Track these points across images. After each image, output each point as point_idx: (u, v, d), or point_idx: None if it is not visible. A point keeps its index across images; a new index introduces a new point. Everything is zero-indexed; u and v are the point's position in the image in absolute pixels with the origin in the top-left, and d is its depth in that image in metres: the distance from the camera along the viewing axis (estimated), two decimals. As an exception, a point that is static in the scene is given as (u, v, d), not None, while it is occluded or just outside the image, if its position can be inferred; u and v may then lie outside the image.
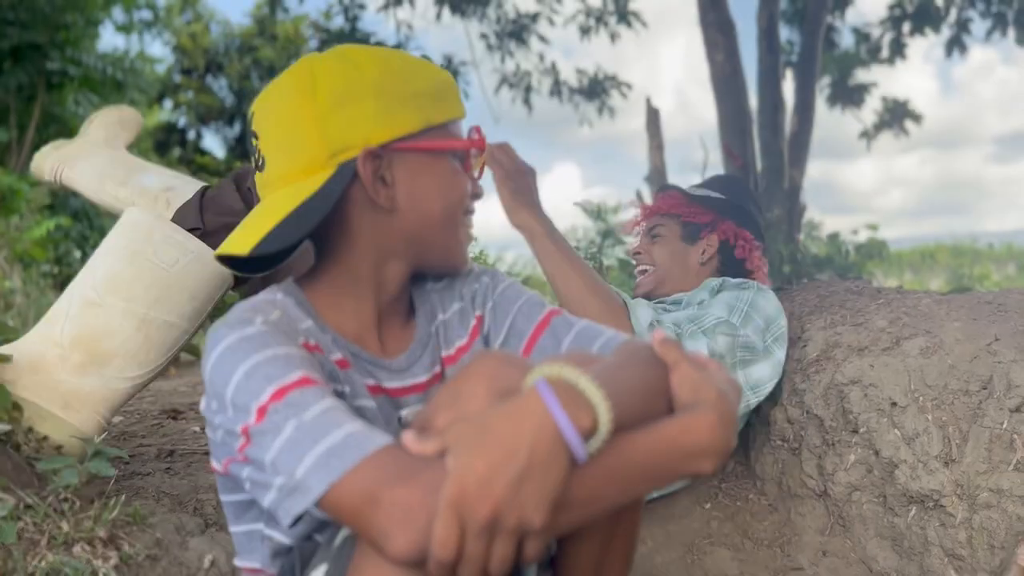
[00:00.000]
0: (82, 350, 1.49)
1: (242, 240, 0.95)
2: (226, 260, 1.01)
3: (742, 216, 1.95)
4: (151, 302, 1.52)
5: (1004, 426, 1.43)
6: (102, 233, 8.38)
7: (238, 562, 1.01)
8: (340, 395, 0.95)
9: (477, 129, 1.07)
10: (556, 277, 1.59)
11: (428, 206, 1.01)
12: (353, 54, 1.00)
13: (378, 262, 1.01)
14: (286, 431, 0.80)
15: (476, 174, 1.08)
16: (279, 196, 0.96)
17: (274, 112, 0.98)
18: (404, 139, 0.98)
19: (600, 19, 5.79)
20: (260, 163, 0.99)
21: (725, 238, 1.92)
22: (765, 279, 1.96)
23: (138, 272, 1.53)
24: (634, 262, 2.02)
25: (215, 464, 0.95)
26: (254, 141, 1.00)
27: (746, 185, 2.12)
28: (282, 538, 0.95)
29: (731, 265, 1.93)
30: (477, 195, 1.08)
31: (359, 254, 1.01)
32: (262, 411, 0.82)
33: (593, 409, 0.74)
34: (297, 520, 0.80)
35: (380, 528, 0.73)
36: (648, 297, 1.93)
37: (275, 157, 0.98)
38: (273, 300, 0.98)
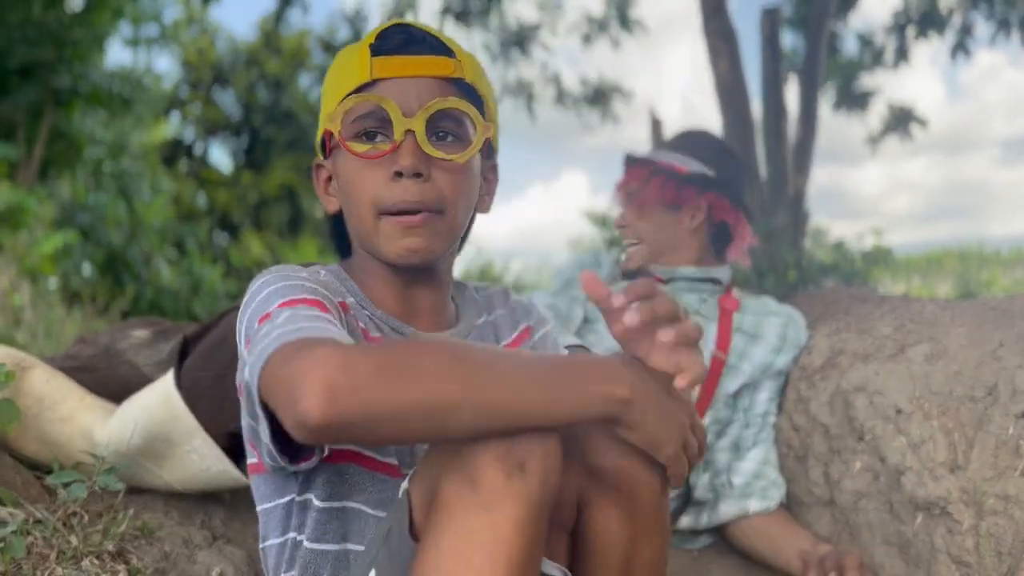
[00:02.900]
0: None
1: None
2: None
3: (721, 184, 1.83)
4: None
5: (1010, 432, 1.42)
6: (109, 249, 8.41)
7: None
8: None
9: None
10: None
11: (344, 202, 1.04)
12: None
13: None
14: (278, 319, 0.84)
15: (388, 146, 0.96)
16: None
17: None
18: (325, 137, 1.04)
19: (602, 26, 5.81)
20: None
21: (709, 203, 1.81)
22: (743, 253, 1.87)
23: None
24: (621, 236, 1.89)
25: (249, 454, 0.99)
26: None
27: (719, 141, 1.97)
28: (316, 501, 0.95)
29: (720, 232, 1.84)
30: (400, 172, 0.95)
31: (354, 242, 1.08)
32: (267, 316, 0.86)
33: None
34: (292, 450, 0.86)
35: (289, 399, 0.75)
36: (644, 272, 1.82)
37: None
38: (318, 271, 1.02)
